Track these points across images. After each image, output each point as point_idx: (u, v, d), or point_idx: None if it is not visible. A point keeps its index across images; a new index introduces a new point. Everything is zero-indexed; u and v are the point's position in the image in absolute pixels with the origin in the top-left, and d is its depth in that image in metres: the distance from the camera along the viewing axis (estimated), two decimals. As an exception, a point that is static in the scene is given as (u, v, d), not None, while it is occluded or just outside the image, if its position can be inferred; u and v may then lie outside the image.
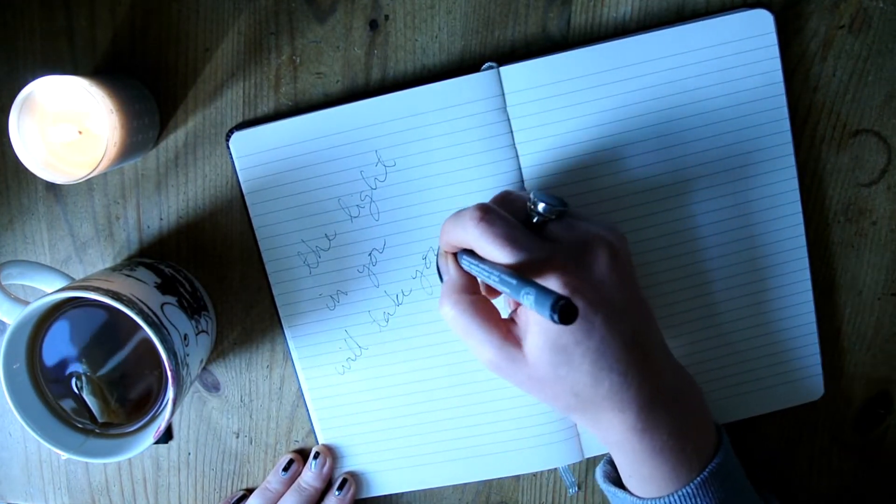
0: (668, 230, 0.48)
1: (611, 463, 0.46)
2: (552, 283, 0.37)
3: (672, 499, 0.40)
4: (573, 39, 0.47)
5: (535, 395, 0.40)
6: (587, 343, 0.37)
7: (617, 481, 0.44)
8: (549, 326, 0.37)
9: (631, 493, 0.42)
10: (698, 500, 0.40)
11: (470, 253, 0.40)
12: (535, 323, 0.38)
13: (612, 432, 0.40)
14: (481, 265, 0.38)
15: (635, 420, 0.38)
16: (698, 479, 0.40)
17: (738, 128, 0.47)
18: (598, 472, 0.46)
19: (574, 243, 0.39)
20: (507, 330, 0.39)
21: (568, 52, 0.46)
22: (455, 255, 0.41)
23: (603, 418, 0.39)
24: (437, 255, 0.42)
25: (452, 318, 0.40)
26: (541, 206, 0.40)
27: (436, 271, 0.43)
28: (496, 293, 0.43)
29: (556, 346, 0.37)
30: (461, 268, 0.41)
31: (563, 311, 0.32)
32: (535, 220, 0.40)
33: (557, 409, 0.40)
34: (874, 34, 0.47)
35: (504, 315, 0.41)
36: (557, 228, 0.40)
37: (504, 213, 0.39)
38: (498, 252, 0.38)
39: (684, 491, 0.40)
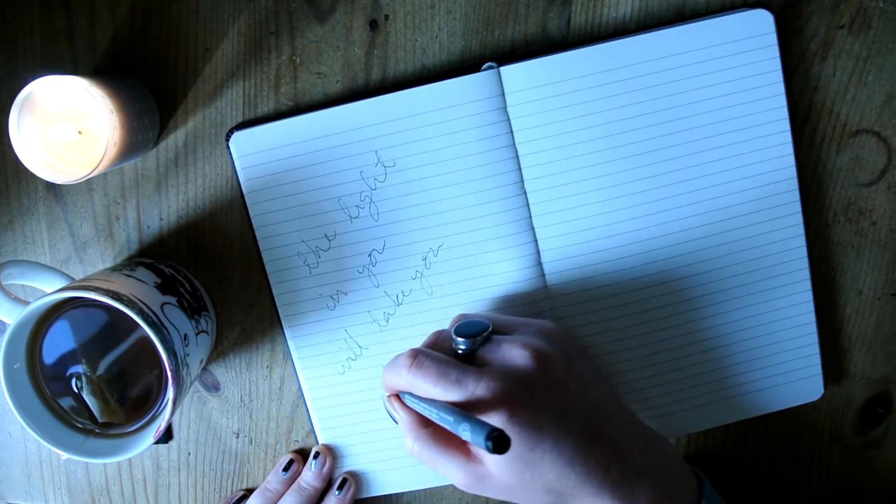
0: (667, 230, 0.48)
1: None
2: (489, 406, 0.39)
3: None
4: (573, 39, 0.47)
5: (514, 500, 0.41)
6: (541, 447, 0.39)
7: None
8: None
9: None
10: None
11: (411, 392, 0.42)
12: None
13: None
14: (421, 403, 0.41)
15: (611, 500, 0.39)
16: None
17: (738, 128, 0.47)
18: None
19: (501, 362, 0.41)
20: (467, 451, 0.41)
21: (568, 52, 0.46)
22: (397, 396, 0.44)
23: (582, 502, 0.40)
24: (384, 400, 0.45)
25: (417, 452, 0.42)
26: (460, 343, 0.42)
27: (384, 407, 0.45)
28: None
29: (513, 458, 0.39)
30: (407, 406, 0.43)
31: (497, 442, 0.35)
32: (461, 354, 0.42)
33: None
34: (874, 34, 0.47)
35: None
36: (485, 352, 0.42)
37: (435, 353, 0.42)
38: (433, 390, 0.40)
39: None
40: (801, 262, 0.49)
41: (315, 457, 0.51)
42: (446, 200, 0.47)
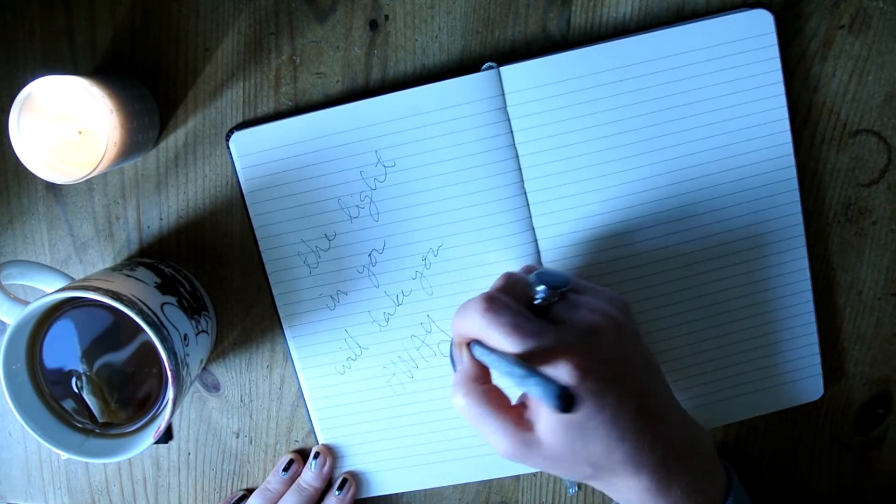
0: (666, 230, 0.48)
1: None
2: (562, 366, 0.38)
3: None
4: (573, 39, 0.47)
5: (551, 471, 0.41)
6: (599, 417, 0.38)
7: None
8: None
9: None
10: None
11: (481, 342, 0.40)
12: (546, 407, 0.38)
13: (627, 493, 0.40)
14: (491, 355, 0.39)
15: (649, 481, 0.39)
16: None
17: (738, 128, 0.47)
18: None
19: (579, 324, 0.40)
20: (518, 415, 0.40)
21: (568, 52, 0.46)
22: (468, 344, 0.41)
23: (618, 482, 0.40)
24: (451, 345, 0.43)
25: (465, 408, 0.40)
26: (540, 291, 0.40)
27: (448, 358, 0.43)
28: None
29: (570, 425, 0.38)
30: (474, 357, 0.41)
31: (567, 401, 0.33)
32: (537, 304, 0.41)
33: (575, 479, 0.41)
34: (874, 34, 0.47)
35: (513, 401, 0.41)
36: (561, 309, 0.41)
37: (508, 299, 0.40)
38: (505, 341, 0.38)
39: None
40: (802, 262, 0.49)
41: (315, 457, 0.51)
42: (446, 200, 0.47)
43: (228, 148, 0.48)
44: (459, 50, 0.48)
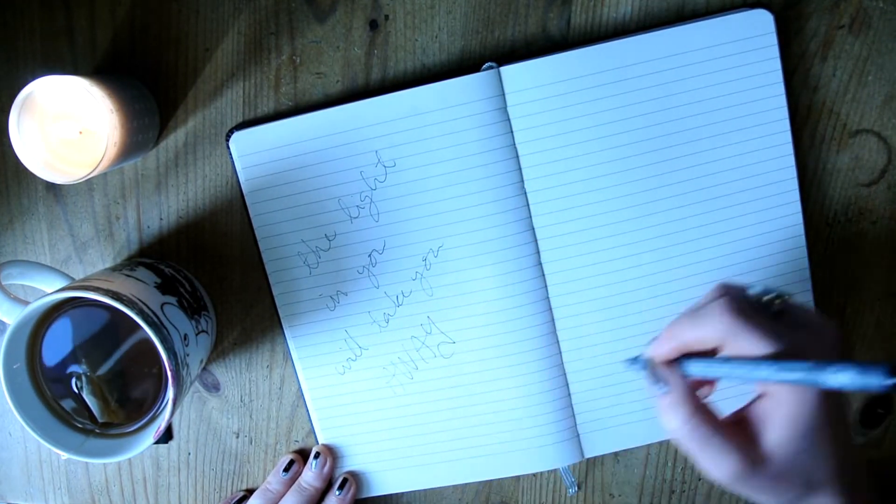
0: (666, 230, 0.48)
1: None
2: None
3: None
4: (573, 39, 0.47)
5: (769, 493, 0.38)
6: (832, 427, 0.37)
7: None
8: (801, 418, 0.36)
9: None
10: None
11: (698, 356, 0.38)
12: (784, 415, 0.37)
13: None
14: (733, 363, 0.36)
15: (846, 500, 0.38)
16: None
17: (739, 128, 0.47)
18: None
19: (814, 331, 0.38)
20: (739, 432, 0.38)
21: (568, 52, 0.46)
22: (671, 363, 0.39)
23: (818, 500, 0.38)
24: (647, 369, 0.40)
25: (687, 434, 0.38)
26: (767, 296, 0.38)
27: (644, 376, 0.40)
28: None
29: (805, 436, 0.36)
30: (683, 377, 0.39)
31: None
32: (773, 311, 0.38)
33: (781, 501, 0.39)
34: (874, 34, 0.47)
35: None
36: (787, 320, 0.39)
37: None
38: (760, 343, 0.36)
39: None
40: (802, 262, 0.49)
41: (315, 457, 0.51)
42: (446, 201, 0.47)
43: (228, 148, 0.48)
44: (459, 50, 0.48)
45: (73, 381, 0.44)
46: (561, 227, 0.48)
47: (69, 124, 0.43)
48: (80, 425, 0.45)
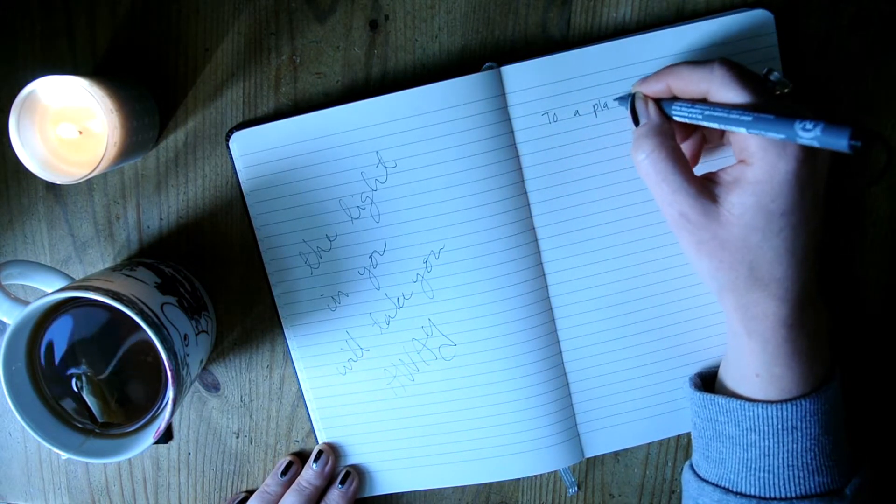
0: (667, 229, 0.48)
1: (700, 376, 0.47)
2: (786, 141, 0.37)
3: (799, 404, 0.40)
4: (573, 39, 0.47)
5: (707, 260, 0.40)
6: (792, 216, 0.37)
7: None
8: (766, 188, 0.37)
9: (741, 398, 0.42)
10: (816, 412, 0.40)
11: (683, 102, 0.40)
12: (752, 181, 0.38)
13: (761, 322, 0.40)
14: (715, 109, 0.37)
15: (789, 314, 0.39)
16: (827, 387, 0.41)
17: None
18: (688, 383, 0.46)
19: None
20: (702, 185, 0.39)
21: (568, 52, 0.46)
22: (656, 101, 0.41)
23: (758, 305, 0.39)
24: (633, 99, 0.42)
25: (650, 164, 0.40)
26: (773, 76, 0.39)
27: (629, 116, 0.42)
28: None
29: (764, 209, 0.37)
30: (663, 113, 0.41)
31: (861, 140, 0.31)
32: (774, 90, 0.40)
33: (718, 282, 0.40)
34: (874, 34, 0.47)
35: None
36: (784, 100, 0.39)
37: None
38: (745, 94, 0.37)
39: (812, 399, 0.40)
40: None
41: (317, 457, 0.51)
42: (447, 202, 0.47)
43: (228, 148, 0.48)
44: (459, 50, 0.48)
45: (73, 381, 0.44)
46: (562, 228, 0.48)
47: (69, 124, 0.43)
48: (80, 425, 0.45)
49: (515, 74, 0.46)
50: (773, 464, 0.41)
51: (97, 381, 0.44)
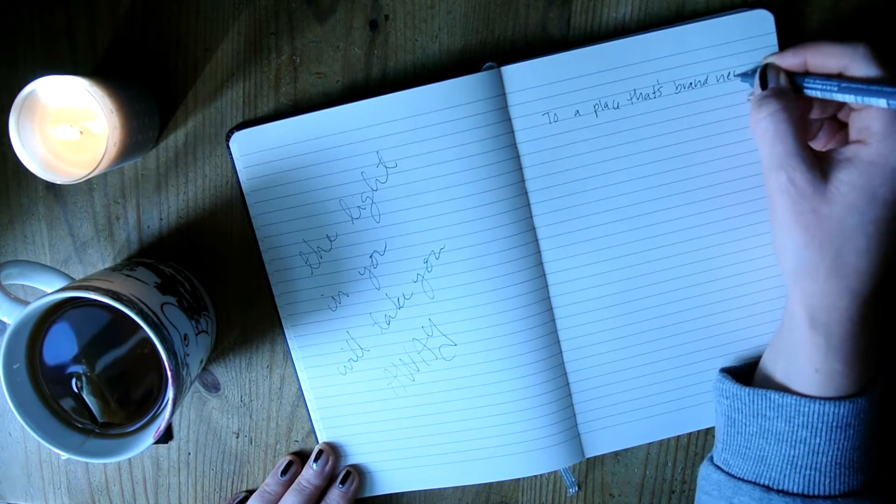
0: (667, 229, 0.48)
1: (730, 371, 0.47)
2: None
3: (856, 402, 0.40)
4: (573, 39, 0.47)
5: (799, 234, 0.39)
6: (892, 208, 0.37)
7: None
8: (879, 171, 0.37)
9: (795, 393, 0.41)
10: (870, 411, 0.40)
11: (817, 77, 0.40)
12: (866, 161, 0.38)
13: (829, 314, 0.39)
14: (852, 83, 0.37)
15: (858, 310, 0.39)
16: (876, 386, 0.41)
17: (739, 127, 0.47)
18: (725, 379, 0.45)
19: None
20: (815, 155, 0.39)
21: (568, 52, 0.46)
22: (788, 73, 0.41)
23: (831, 296, 0.39)
24: (764, 69, 0.42)
25: (772, 121, 0.39)
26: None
27: (755, 82, 0.43)
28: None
29: (871, 192, 0.37)
30: (795, 84, 0.41)
31: None
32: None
33: (800, 261, 0.40)
34: (874, 34, 0.47)
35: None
36: None
37: None
38: (886, 71, 0.37)
39: (868, 397, 0.40)
40: (802, 262, 0.49)
41: (317, 457, 0.51)
42: (448, 202, 0.47)
43: (228, 148, 0.48)
44: (459, 50, 0.48)
45: (73, 381, 0.44)
46: (562, 228, 0.48)
47: (69, 124, 0.43)
48: (80, 425, 0.45)
49: (515, 74, 0.46)
50: (821, 461, 0.40)
51: (97, 381, 0.44)
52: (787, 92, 0.41)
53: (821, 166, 0.39)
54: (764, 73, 0.42)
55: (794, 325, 0.41)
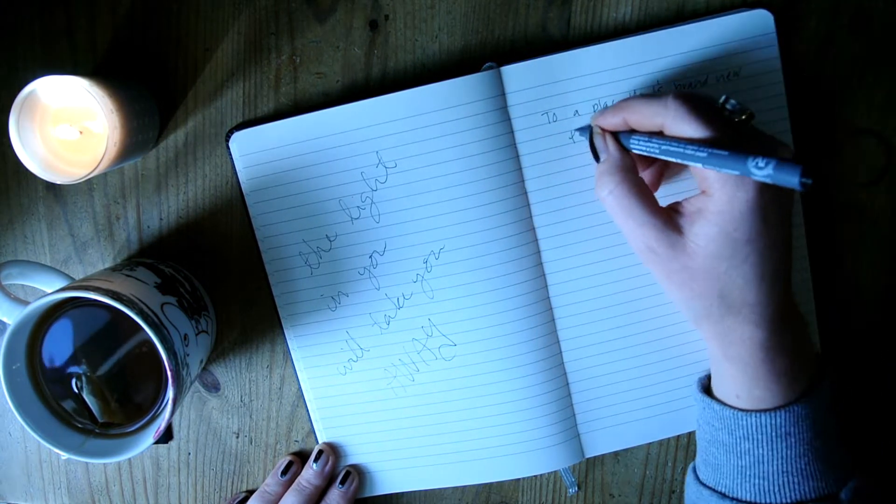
0: (668, 230, 0.48)
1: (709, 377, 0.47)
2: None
3: (792, 410, 0.40)
4: (573, 39, 0.47)
5: (678, 290, 0.40)
6: (757, 243, 0.37)
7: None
8: (728, 217, 0.37)
9: (733, 407, 0.42)
10: (808, 416, 0.40)
11: (640, 135, 0.40)
12: (713, 211, 0.38)
13: (739, 347, 0.40)
14: (671, 143, 0.38)
15: (766, 336, 0.39)
16: (820, 391, 0.41)
17: (739, 128, 0.47)
18: (697, 384, 0.46)
19: (761, 144, 0.39)
20: (668, 217, 0.39)
21: (568, 52, 0.46)
22: (614, 135, 0.41)
23: (735, 331, 0.40)
24: (591, 135, 0.43)
25: (614, 200, 0.40)
26: (733, 103, 0.39)
27: (589, 151, 0.43)
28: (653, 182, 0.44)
29: (728, 238, 0.37)
30: (622, 147, 0.41)
31: (807, 178, 0.32)
32: (733, 120, 0.39)
33: (693, 311, 0.40)
34: (874, 34, 0.47)
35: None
36: (742, 130, 0.39)
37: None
38: (699, 129, 0.37)
39: (804, 404, 0.40)
40: (803, 262, 0.49)
41: (317, 457, 0.51)
42: (447, 202, 0.47)
43: (228, 148, 0.48)
44: (459, 50, 0.48)
45: (73, 381, 0.44)
46: (562, 228, 0.48)
47: (69, 124, 0.43)
48: (80, 425, 0.45)
49: (515, 74, 0.46)
50: (767, 470, 0.41)
51: (97, 381, 0.44)
52: (619, 161, 0.41)
53: (675, 221, 0.40)
54: (592, 141, 0.43)
55: (714, 357, 0.43)
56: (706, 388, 0.46)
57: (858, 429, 0.51)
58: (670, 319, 0.49)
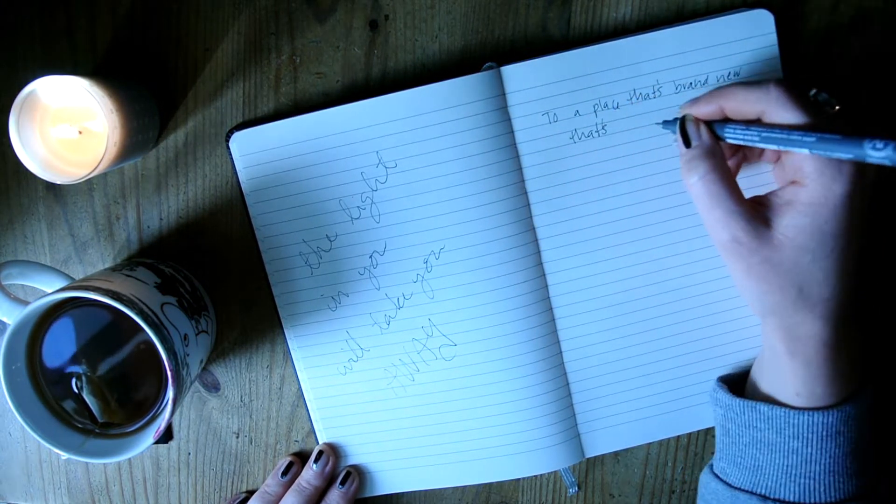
0: (669, 228, 0.48)
1: (727, 380, 0.47)
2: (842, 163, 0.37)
3: (844, 410, 0.40)
4: (573, 39, 0.47)
5: (756, 284, 0.40)
6: (843, 238, 0.37)
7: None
8: (821, 209, 0.37)
9: (783, 405, 0.42)
10: (858, 416, 0.40)
11: (736, 124, 0.39)
12: (806, 203, 0.38)
13: (805, 344, 0.40)
14: (773, 131, 0.37)
15: (832, 335, 0.39)
16: (866, 391, 0.41)
17: (739, 128, 0.47)
18: (720, 388, 0.46)
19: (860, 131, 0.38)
20: (753, 208, 0.39)
21: (568, 52, 0.46)
22: (707, 123, 0.41)
23: (803, 326, 0.39)
24: (683, 122, 0.42)
25: (703, 187, 0.39)
26: (821, 97, 0.39)
27: (677, 139, 0.42)
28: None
29: (818, 231, 0.37)
30: (715, 135, 0.40)
31: None
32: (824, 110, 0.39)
33: (765, 305, 0.40)
34: (874, 34, 0.47)
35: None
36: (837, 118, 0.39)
37: None
38: (802, 115, 0.37)
39: (855, 403, 0.40)
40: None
41: (318, 458, 0.51)
42: (447, 202, 0.47)
43: (228, 148, 0.48)
44: (459, 50, 0.48)
45: (73, 381, 0.44)
46: (562, 228, 0.48)
47: (69, 124, 0.43)
48: (80, 425, 0.45)
49: (515, 74, 0.46)
50: (814, 470, 0.41)
51: (97, 381, 0.44)
52: (711, 149, 0.40)
53: (761, 213, 0.39)
54: (684, 128, 0.42)
55: (773, 353, 0.42)
56: (737, 387, 0.45)
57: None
58: (671, 319, 0.49)
